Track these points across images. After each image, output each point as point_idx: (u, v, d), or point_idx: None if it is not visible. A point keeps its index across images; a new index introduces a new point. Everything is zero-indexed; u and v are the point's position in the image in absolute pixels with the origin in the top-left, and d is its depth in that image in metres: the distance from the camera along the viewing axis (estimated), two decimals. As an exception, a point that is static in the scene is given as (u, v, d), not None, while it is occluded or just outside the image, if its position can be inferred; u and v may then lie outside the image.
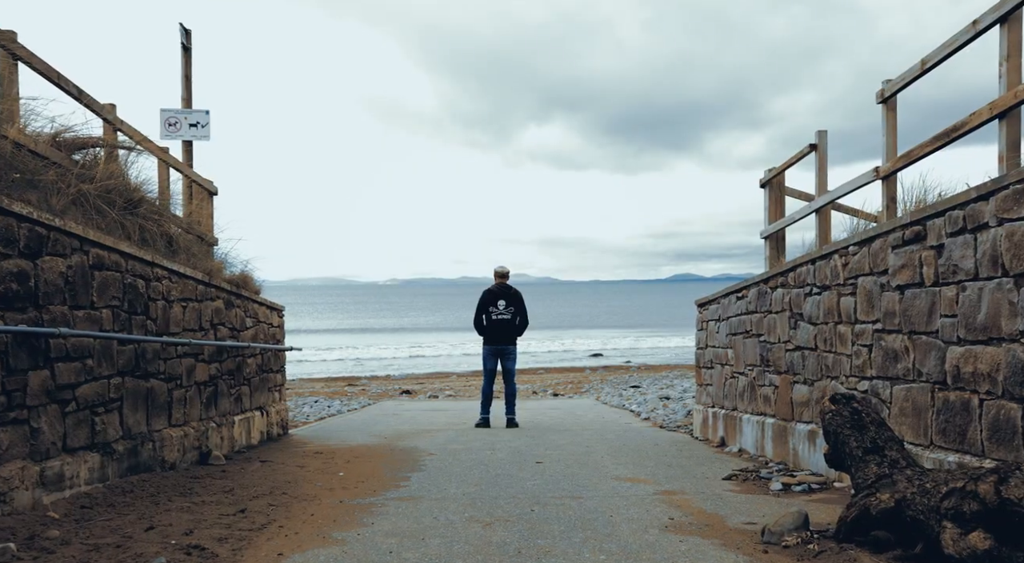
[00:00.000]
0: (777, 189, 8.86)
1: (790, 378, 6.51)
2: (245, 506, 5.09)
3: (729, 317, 8.12)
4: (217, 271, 7.54)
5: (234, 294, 8.02)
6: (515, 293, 10.56)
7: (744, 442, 7.53)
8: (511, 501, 5.29)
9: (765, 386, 7.06)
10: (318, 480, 6.24)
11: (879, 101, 6.21)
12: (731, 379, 8.04)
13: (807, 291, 6.21)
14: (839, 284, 5.67)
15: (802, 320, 6.29)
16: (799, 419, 6.33)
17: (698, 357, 9.32)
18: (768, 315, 7.02)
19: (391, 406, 14.61)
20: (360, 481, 6.20)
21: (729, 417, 8.01)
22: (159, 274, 6.29)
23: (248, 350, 8.39)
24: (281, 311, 9.83)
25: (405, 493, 5.66)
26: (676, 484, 5.88)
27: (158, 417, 6.24)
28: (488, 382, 10.59)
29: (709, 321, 8.88)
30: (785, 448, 6.53)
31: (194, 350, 6.97)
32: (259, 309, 8.91)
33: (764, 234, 8.80)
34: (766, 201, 8.89)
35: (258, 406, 8.81)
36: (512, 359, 10.55)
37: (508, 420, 10.42)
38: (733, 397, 7.98)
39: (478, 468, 6.79)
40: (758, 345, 7.24)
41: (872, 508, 3.74)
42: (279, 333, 9.73)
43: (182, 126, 9.27)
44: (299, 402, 15.68)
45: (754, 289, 7.41)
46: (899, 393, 4.88)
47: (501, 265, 10.70)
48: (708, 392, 8.89)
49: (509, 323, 10.47)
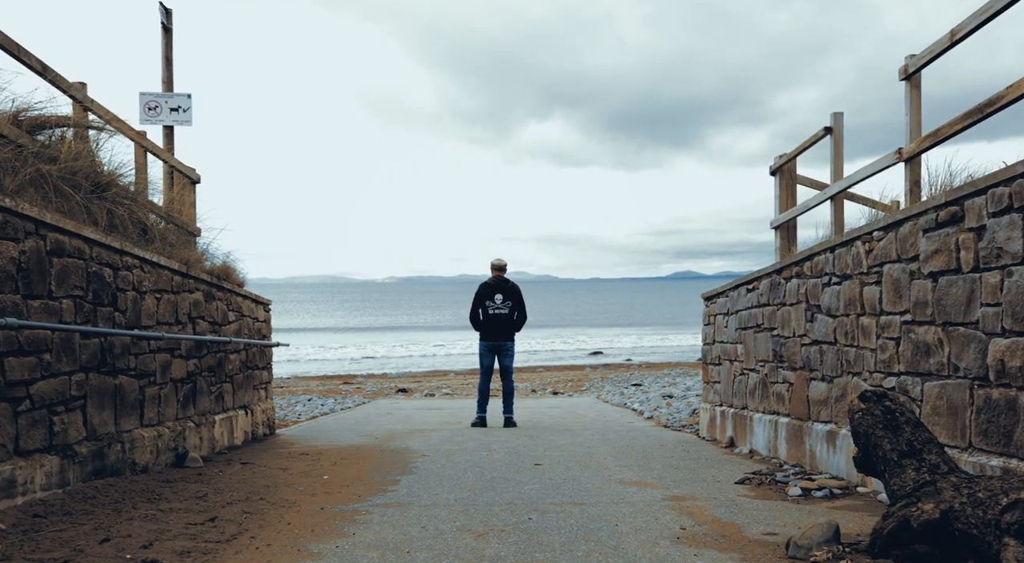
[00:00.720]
0: (788, 176, 8.43)
1: (806, 375, 6.08)
2: (216, 514, 4.65)
3: (738, 311, 7.69)
4: (196, 261, 7.10)
5: (215, 286, 7.58)
6: (513, 287, 10.13)
7: (755, 443, 7.10)
8: (507, 508, 4.86)
9: (778, 383, 6.63)
10: (300, 484, 5.81)
11: (902, 77, 5.79)
12: (740, 376, 7.61)
13: (825, 281, 5.78)
14: (862, 273, 5.24)
15: (820, 312, 5.86)
16: (816, 418, 5.90)
17: (704, 353, 8.89)
18: (782, 308, 6.59)
19: (386, 405, 14.18)
20: (345, 485, 5.77)
21: (738, 416, 7.58)
22: (129, 263, 5.85)
23: (230, 345, 7.95)
24: (267, 305, 9.39)
25: (392, 499, 5.23)
26: (686, 488, 5.45)
27: (128, 416, 5.80)
28: (485, 380, 10.16)
29: (717, 315, 8.45)
30: (801, 449, 6.10)
31: (170, 345, 6.53)
32: (243, 303, 8.48)
33: (774, 224, 8.37)
34: (776, 189, 8.46)
35: (242, 405, 8.38)
36: (510, 356, 10.12)
37: (506, 419, 9.99)
38: (743, 395, 7.55)
39: (472, 471, 6.36)
40: (770, 340, 6.81)
41: (913, 519, 3.31)
42: (265, 328, 9.30)
43: (162, 110, 8.82)
44: (291, 400, 15.26)
45: (766, 280, 6.98)
46: (931, 390, 4.45)
47: (498, 257, 10.27)
48: (715, 390, 8.46)
49: (506, 318, 10.04)
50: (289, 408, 13.79)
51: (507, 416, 10.00)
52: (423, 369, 28.62)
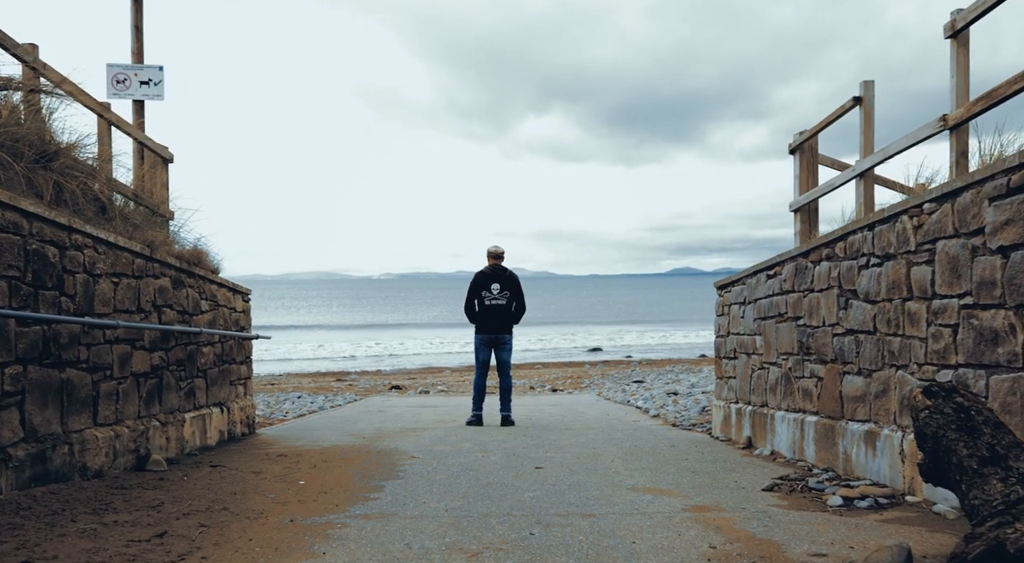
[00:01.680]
0: (809, 154, 7.79)
1: (839, 368, 5.44)
2: (168, 528, 4.01)
3: (757, 299, 7.05)
4: (161, 244, 6.44)
5: (184, 272, 6.92)
6: (510, 275, 9.48)
7: (777, 443, 6.46)
8: (505, 521, 4.22)
9: (805, 378, 6.00)
10: (272, 490, 5.16)
11: (947, 35, 5.15)
12: (760, 370, 6.97)
13: (863, 263, 5.14)
14: (909, 251, 4.60)
15: (856, 298, 5.22)
16: (851, 417, 5.26)
17: (718, 346, 8.25)
18: (809, 294, 5.95)
19: (377, 402, 13.53)
20: (322, 492, 5.12)
21: (757, 414, 6.94)
22: (80, 242, 5.19)
23: (203, 337, 7.30)
24: (246, 295, 8.73)
25: (374, 508, 4.58)
26: (708, 497, 4.80)
27: (78, 415, 5.15)
28: (481, 375, 9.51)
29: (732, 305, 7.81)
30: (832, 451, 5.47)
31: (130, 335, 5.88)
32: (218, 291, 7.82)
33: (794, 206, 7.73)
34: (796, 169, 7.82)
35: (217, 402, 7.72)
36: (507, 350, 9.48)
37: (503, 417, 9.36)
38: (762, 391, 6.91)
39: (466, 475, 5.72)
40: (795, 330, 6.17)
41: (1009, 543, 2.68)
42: (244, 319, 8.64)
43: (132, 83, 8.16)
44: (280, 398, 14.61)
45: (790, 265, 6.34)
46: (1000, 385, 3.82)
47: (495, 245, 9.62)
48: (730, 386, 7.82)
49: (504, 309, 9.39)
50: (277, 406, 13.15)
51: (504, 414, 9.36)
52: (418, 366, 27.98)
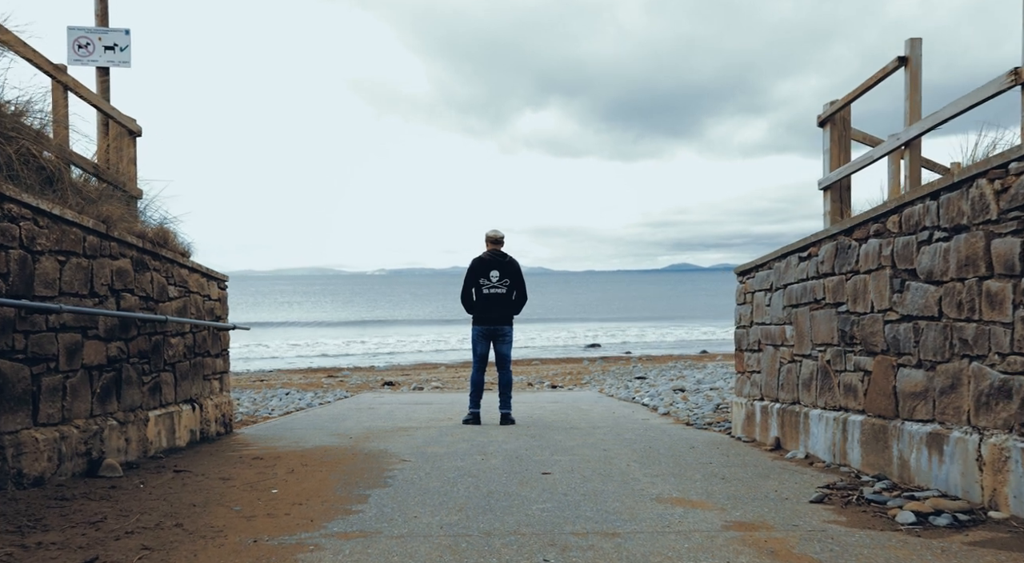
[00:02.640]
0: (841, 127, 7.08)
1: (892, 360, 4.74)
2: (100, 552, 3.29)
3: (788, 284, 6.35)
4: (119, 220, 5.70)
5: (148, 253, 6.19)
6: (511, 262, 8.76)
7: (813, 445, 5.76)
8: (512, 541, 3.51)
9: (848, 372, 5.29)
10: (239, 501, 4.45)
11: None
12: (790, 364, 6.27)
13: (924, 238, 4.44)
14: (988, 221, 3.89)
15: (914, 279, 4.52)
16: (909, 416, 4.56)
17: (739, 338, 7.54)
18: (853, 276, 5.24)
19: (368, 399, 12.81)
20: (297, 503, 4.40)
21: (787, 413, 6.24)
22: (14, 212, 4.46)
23: (171, 326, 6.57)
24: (222, 281, 7.99)
25: (355, 525, 3.87)
26: (749, 510, 4.10)
27: (13, 413, 4.42)
28: (478, 370, 8.80)
29: (755, 292, 7.10)
30: (884, 456, 4.76)
31: (82, 322, 5.15)
32: (189, 276, 7.08)
33: (824, 183, 7.03)
34: (826, 143, 7.12)
35: (187, 398, 6.99)
36: (508, 342, 8.76)
37: (502, 415, 8.65)
38: (793, 387, 6.21)
39: (464, 482, 5.01)
40: (835, 317, 5.47)
41: None
42: (219, 308, 7.90)
43: (95, 48, 7.42)
44: (268, 394, 13.90)
45: (828, 245, 5.64)
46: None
47: (494, 229, 8.89)
48: (753, 381, 7.12)
49: (504, 298, 8.67)
50: (263, 402, 12.43)
51: (504, 412, 8.65)
52: (412, 362, 27.26)
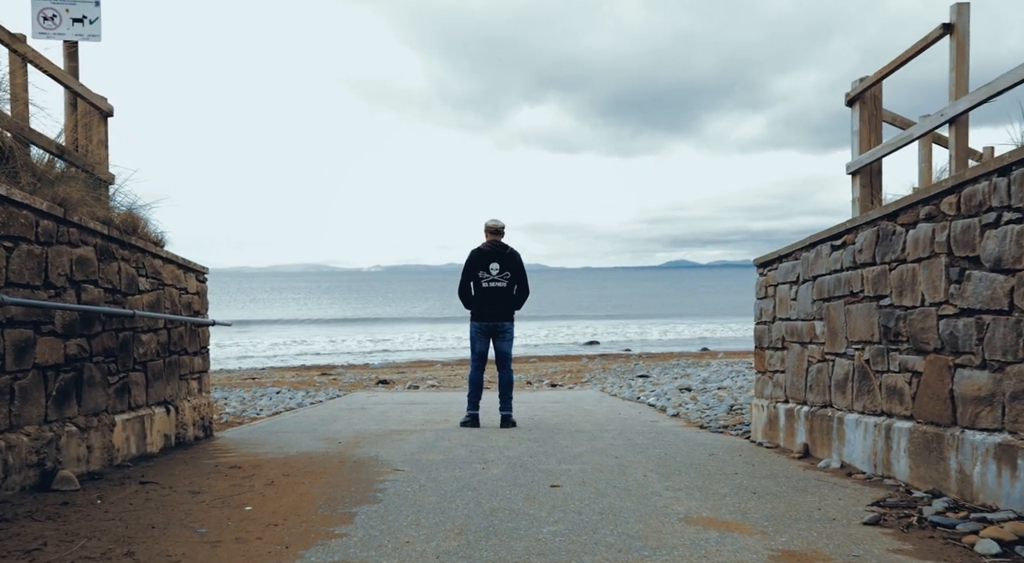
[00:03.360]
0: (872, 106, 6.53)
1: (948, 360, 4.19)
2: (26, 593, 2.73)
3: (817, 276, 5.79)
4: (80, 203, 5.12)
5: (115, 241, 5.61)
6: (511, 253, 8.19)
7: (849, 454, 5.21)
8: (521, 576, 2.95)
9: (891, 372, 4.74)
10: (206, 521, 3.88)
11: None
12: (820, 363, 5.72)
13: (989, 220, 3.88)
14: (1074, 199, 3.34)
15: (977, 267, 3.97)
16: (970, 424, 4.01)
17: (759, 335, 6.98)
18: (899, 266, 4.69)
19: (361, 398, 12.25)
20: (272, 524, 3.84)
21: (817, 417, 5.69)
22: (-53, 190, 3.89)
23: (142, 321, 5.99)
24: (202, 274, 7.41)
25: (338, 553, 3.30)
26: (795, 534, 3.54)
27: (-54, 421, 3.86)
28: (477, 369, 8.24)
29: (779, 285, 6.55)
30: (940, 468, 4.21)
31: (33, 316, 4.58)
32: (163, 267, 6.50)
33: (853, 167, 6.48)
34: (855, 123, 6.57)
35: (161, 400, 6.42)
36: (508, 339, 8.20)
37: (503, 417, 8.09)
38: (823, 388, 5.66)
39: (463, 497, 4.45)
40: (876, 312, 4.92)
41: None
42: (198, 303, 7.31)
43: (62, 21, 6.82)
44: (257, 393, 13.34)
45: (867, 231, 5.08)
46: None
47: (494, 219, 8.32)
48: (776, 382, 6.57)
49: (504, 293, 8.11)
50: (252, 402, 11.88)
51: (505, 414, 8.10)
52: (407, 359, 26.69)
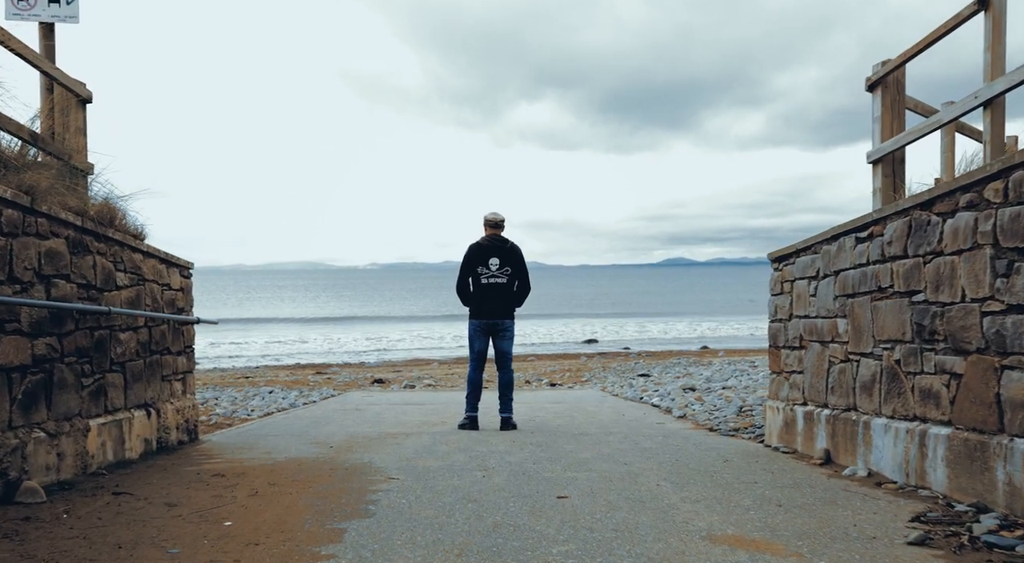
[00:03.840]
0: (895, 90, 6.17)
1: (994, 360, 3.84)
2: (-40, 632, 2.36)
3: (840, 271, 5.44)
4: (48, 192, 4.74)
5: (90, 234, 5.23)
6: (512, 248, 7.83)
7: (877, 461, 4.85)
8: (531, 609, 2.59)
9: (926, 374, 4.39)
10: (179, 539, 3.51)
11: None
12: (844, 363, 5.36)
13: (1043, 207, 3.53)
14: None
15: (1028, 259, 3.61)
16: (1021, 432, 3.65)
17: (774, 333, 6.63)
18: (935, 259, 4.34)
19: (356, 398, 11.87)
20: (252, 542, 3.47)
21: (841, 421, 5.34)
22: None
23: (119, 319, 5.61)
24: (186, 269, 7.03)
25: (323, 579, 2.94)
26: (835, 557, 3.17)
27: None
28: (476, 369, 7.88)
29: (796, 280, 6.19)
30: (985, 480, 3.86)
31: (-6, 314, 4.21)
32: (144, 262, 6.12)
33: (874, 156, 6.12)
34: (877, 109, 6.21)
35: (141, 403, 6.04)
36: (509, 338, 7.84)
37: (503, 420, 7.74)
38: (847, 390, 5.30)
39: (463, 510, 4.09)
40: (908, 308, 4.56)
41: None
42: (182, 299, 6.93)
43: (37, 1, 6.44)
44: (250, 393, 12.98)
45: (897, 222, 4.72)
46: None
47: (494, 211, 7.96)
48: (794, 382, 6.21)
49: (504, 289, 7.75)
50: (243, 403, 11.51)
51: (505, 416, 7.74)
52: (404, 358, 26.32)
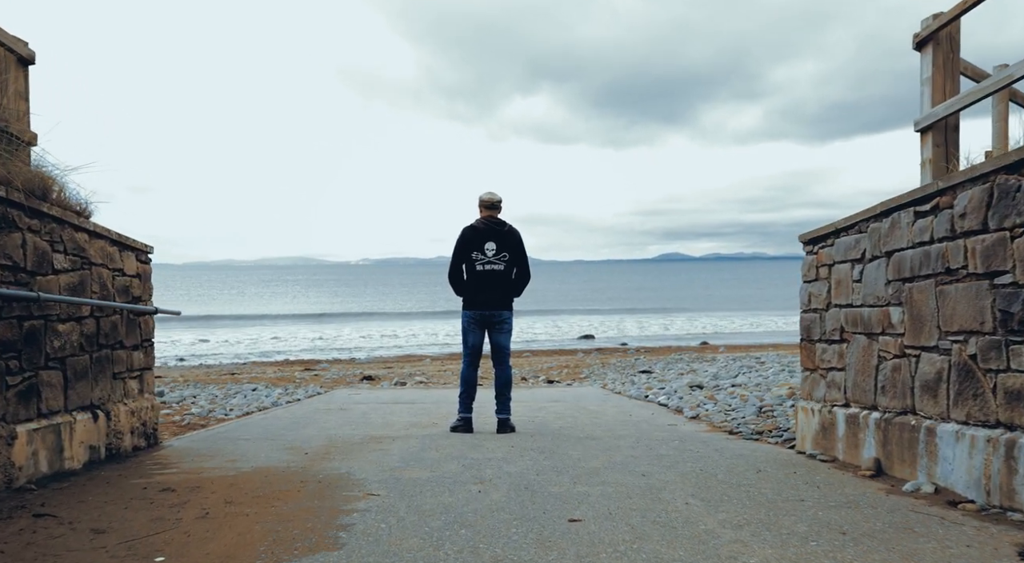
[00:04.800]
0: (948, 47, 5.43)
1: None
2: None
3: (895, 251, 4.69)
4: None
5: (17, 207, 4.44)
6: (510, 231, 7.07)
7: (945, 475, 4.11)
8: None
9: (1014, 372, 3.64)
10: (92, 584, 2.75)
11: None
12: (898, 359, 4.61)
13: None
14: None
15: None
16: None
17: (807, 325, 5.88)
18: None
19: (342, 396, 11.11)
20: (184, 588, 2.71)
21: (896, 426, 4.59)
22: None
23: (57, 308, 4.83)
24: (144, 253, 6.23)
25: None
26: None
27: None
28: (470, 365, 7.11)
29: (835, 265, 5.44)
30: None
31: None
32: (90, 243, 5.33)
33: (923, 123, 5.38)
34: (926, 70, 5.47)
35: (86, 404, 5.26)
36: (506, 331, 7.08)
37: (500, 421, 6.99)
38: (903, 391, 4.56)
39: (455, 538, 3.32)
40: (989, 293, 3.82)
41: None
42: (139, 287, 6.15)
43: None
44: (231, 390, 12.21)
45: (973, 190, 3.97)
46: None
47: (490, 191, 7.19)
48: (832, 381, 5.47)
49: (502, 277, 6.99)
50: (224, 401, 10.73)
51: (502, 418, 6.99)
52: (395, 354, 25.55)
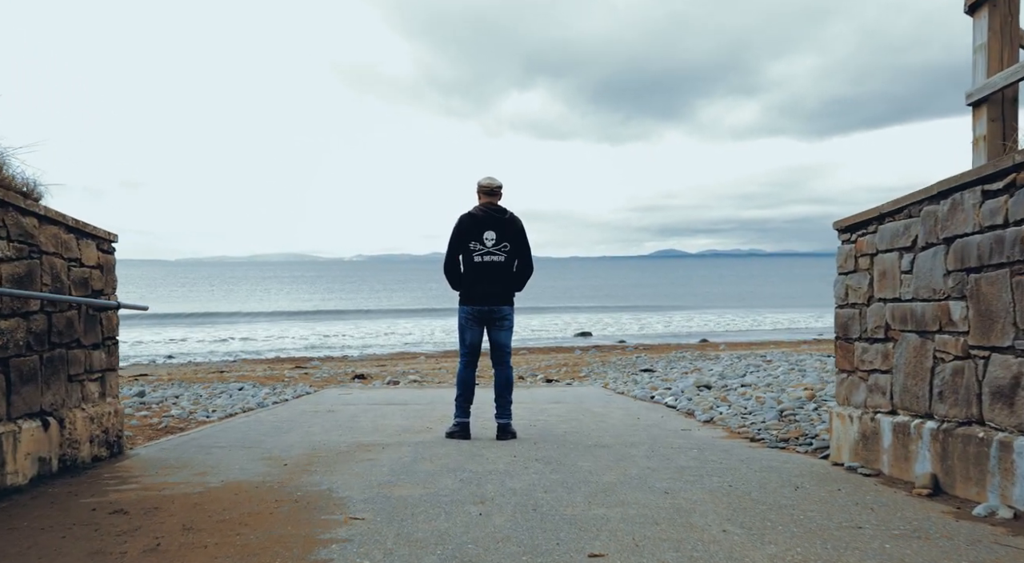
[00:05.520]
0: (1006, 10, 4.84)
1: None
2: None
3: (956, 237, 4.10)
4: None
5: (-59, 183, 3.83)
6: (511, 219, 6.47)
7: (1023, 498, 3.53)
8: None
9: (1118, 377, 3.06)
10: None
11: None
12: (960, 360, 4.03)
13: None
14: None
15: None
16: None
17: (844, 321, 5.28)
18: None
19: (331, 397, 10.50)
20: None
21: (958, 438, 4.00)
22: None
23: (-6, 303, 4.21)
24: (105, 242, 5.61)
25: None
26: None
27: None
28: (468, 365, 6.51)
29: (879, 254, 4.85)
30: None
31: None
32: (40, 229, 4.71)
33: (976, 96, 4.80)
34: (980, 36, 4.88)
35: (34, 411, 4.63)
36: (507, 328, 6.49)
37: (500, 427, 6.39)
38: (967, 397, 3.97)
39: (452, 581, 2.73)
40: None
41: None
42: (99, 279, 5.52)
43: None
44: (217, 390, 11.63)
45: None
46: None
47: (489, 176, 6.58)
48: (875, 384, 4.88)
49: (502, 268, 6.39)
50: (207, 401, 10.13)
51: (503, 422, 6.39)
52: (389, 352, 24.94)
